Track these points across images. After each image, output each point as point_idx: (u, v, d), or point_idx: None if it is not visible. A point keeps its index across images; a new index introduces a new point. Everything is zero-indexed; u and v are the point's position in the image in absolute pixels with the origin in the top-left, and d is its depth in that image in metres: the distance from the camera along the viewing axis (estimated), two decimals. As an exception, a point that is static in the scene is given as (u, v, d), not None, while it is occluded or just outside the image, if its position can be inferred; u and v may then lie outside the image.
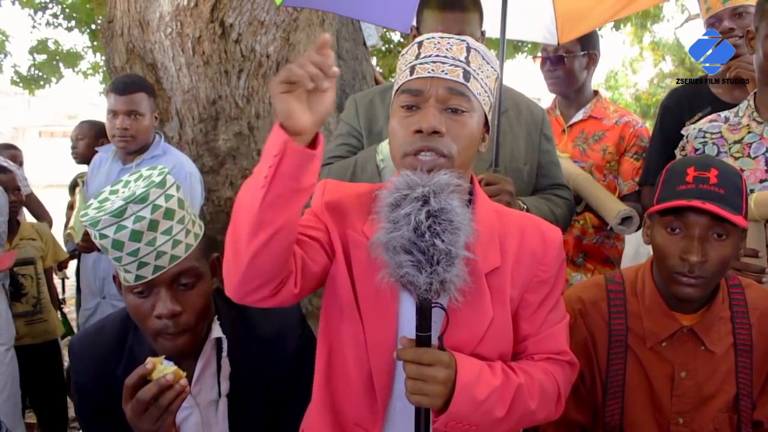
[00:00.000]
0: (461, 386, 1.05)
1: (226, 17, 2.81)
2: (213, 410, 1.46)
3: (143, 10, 2.89)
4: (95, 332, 1.50)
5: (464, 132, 1.12)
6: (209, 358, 1.44)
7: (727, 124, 1.89)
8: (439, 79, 1.11)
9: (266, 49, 2.88)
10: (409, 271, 1.01)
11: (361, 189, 1.25)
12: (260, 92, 2.93)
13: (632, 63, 16.28)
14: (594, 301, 1.50)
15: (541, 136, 1.92)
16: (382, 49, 6.55)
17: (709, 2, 2.23)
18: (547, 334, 1.21)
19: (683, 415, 1.44)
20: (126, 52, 2.99)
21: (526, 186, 1.89)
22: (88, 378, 1.43)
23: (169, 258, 1.29)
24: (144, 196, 1.26)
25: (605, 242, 2.46)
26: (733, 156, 1.83)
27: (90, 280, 2.61)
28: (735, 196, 1.35)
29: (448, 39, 1.15)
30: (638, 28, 8.58)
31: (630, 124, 2.43)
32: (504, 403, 1.09)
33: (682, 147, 1.97)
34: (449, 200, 1.02)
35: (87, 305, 2.63)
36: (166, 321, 1.31)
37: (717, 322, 1.44)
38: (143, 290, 1.32)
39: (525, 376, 1.14)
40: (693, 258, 1.33)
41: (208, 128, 2.91)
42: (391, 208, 1.03)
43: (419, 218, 1.00)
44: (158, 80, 2.94)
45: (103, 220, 1.24)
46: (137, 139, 2.50)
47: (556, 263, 1.21)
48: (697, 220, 1.34)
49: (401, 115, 1.14)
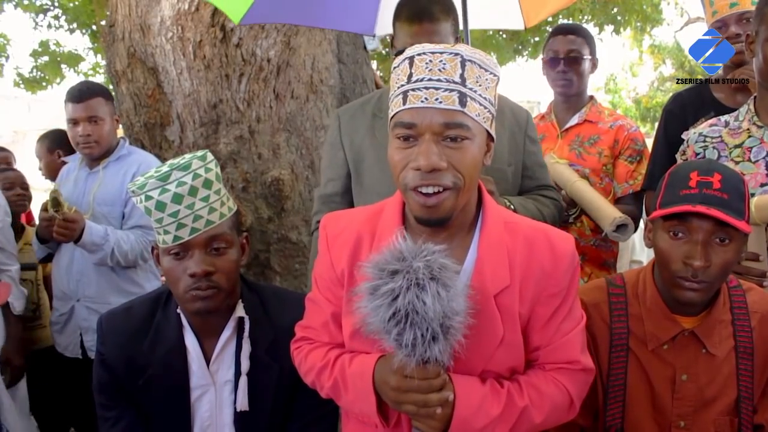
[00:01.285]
0: (458, 419, 1.10)
1: (227, 21, 2.81)
2: (227, 390, 1.54)
3: (144, 15, 2.90)
4: (124, 311, 1.61)
5: (466, 160, 1.09)
6: (230, 337, 1.54)
7: (727, 128, 1.89)
8: (434, 110, 1.06)
9: (267, 54, 2.89)
10: (392, 344, 1.04)
11: (362, 216, 1.27)
12: (261, 96, 2.93)
13: (632, 66, 16.33)
14: (595, 303, 1.50)
15: (526, 138, 1.92)
16: (382, 52, 6.56)
17: (716, 6, 2.21)
18: (559, 344, 1.20)
19: (684, 418, 1.44)
20: (127, 56, 3.00)
21: (511, 187, 1.89)
22: (113, 351, 1.54)
23: (205, 222, 1.44)
24: (187, 164, 1.43)
25: (602, 245, 2.47)
26: (733, 160, 1.83)
27: (63, 283, 2.55)
28: (738, 201, 1.34)
29: (440, 55, 1.08)
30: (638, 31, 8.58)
31: (624, 127, 2.44)
32: (506, 424, 1.13)
33: (682, 151, 1.97)
34: (422, 294, 1.00)
35: (61, 310, 2.57)
36: (198, 281, 1.42)
37: (718, 325, 1.44)
38: (179, 251, 1.45)
39: (534, 394, 1.16)
40: (696, 263, 1.32)
41: (208, 132, 2.92)
42: (369, 291, 1.04)
43: (384, 316, 1.01)
44: (159, 84, 2.95)
45: (150, 183, 1.41)
46: (101, 144, 2.51)
47: (566, 276, 1.19)
48: (700, 225, 1.33)
49: (398, 147, 1.11)
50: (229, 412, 1.55)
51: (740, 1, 2.17)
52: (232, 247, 1.50)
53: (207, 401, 1.55)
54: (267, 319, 1.56)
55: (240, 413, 1.53)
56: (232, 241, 1.51)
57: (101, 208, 2.49)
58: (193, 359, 1.54)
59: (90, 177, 2.56)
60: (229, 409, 1.54)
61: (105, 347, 1.56)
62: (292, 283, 2.98)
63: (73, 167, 2.66)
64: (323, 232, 1.28)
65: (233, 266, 1.50)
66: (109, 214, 2.49)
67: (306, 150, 3.07)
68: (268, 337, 1.54)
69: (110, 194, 2.49)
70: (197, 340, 1.54)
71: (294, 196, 2.98)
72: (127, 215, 2.50)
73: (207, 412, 1.55)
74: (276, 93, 2.96)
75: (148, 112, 2.98)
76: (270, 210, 2.94)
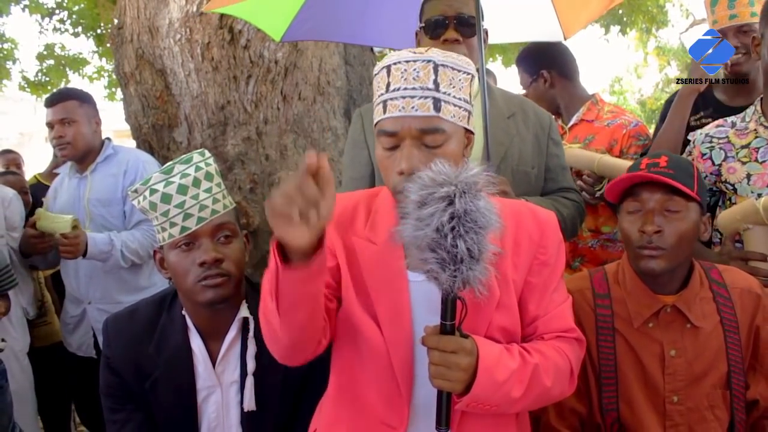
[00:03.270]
0: (483, 370, 1.10)
1: (235, 23, 2.83)
2: (233, 391, 1.55)
3: (153, 17, 2.92)
4: (129, 314, 1.61)
5: (446, 158, 1.13)
6: (235, 337, 1.55)
7: (734, 129, 1.89)
8: (411, 118, 1.14)
9: (274, 55, 2.91)
10: (434, 267, 1.04)
11: (358, 196, 1.33)
12: (268, 98, 2.95)
13: (637, 68, 16.30)
14: (579, 289, 1.56)
15: (549, 140, 1.92)
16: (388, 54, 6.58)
17: (717, 15, 2.26)
18: (554, 313, 1.26)
19: (677, 393, 1.48)
20: (135, 58, 3.02)
21: (533, 189, 1.89)
22: (119, 354, 1.55)
23: (211, 211, 1.47)
24: (188, 158, 1.50)
25: (606, 246, 2.47)
26: (740, 161, 1.84)
27: (73, 287, 2.57)
28: (685, 176, 1.44)
29: (414, 63, 1.16)
30: (643, 33, 8.58)
31: (622, 125, 2.42)
32: (522, 384, 1.14)
33: (688, 152, 1.97)
34: (475, 200, 1.03)
35: (72, 312, 2.59)
36: (208, 269, 1.44)
37: (699, 301, 1.49)
38: (188, 242, 1.47)
39: (540, 356, 1.19)
40: (648, 227, 1.43)
41: (216, 133, 2.94)
42: (417, 206, 1.04)
43: (442, 220, 1.02)
44: (167, 86, 2.97)
45: (154, 176, 1.46)
46: (76, 146, 2.52)
47: (554, 244, 1.26)
48: (650, 196, 1.45)
49: (383, 152, 1.20)
50: (236, 412, 1.55)
51: (740, 14, 2.20)
52: (238, 237, 1.53)
53: (213, 402, 1.56)
54: None
55: (247, 413, 1.53)
56: (237, 232, 1.54)
57: (98, 210, 2.50)
58: (199, 361, 1.54)
59: (81, 182, 2.57)
60: (235, 409, 1.55)
61: (111, 350, 1.56)
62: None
63: (64, 175, 2.68)
64: None
65: (241, 255, 1.52)
66: (107, 214, 2.51)
67: (313, 151, 3.07)
68: None
69: (104, 195, 2.50)
70: (203, 342, 1.55)
71: (301, 198, 2.99)
72: (128, 213, 2.51)
73: (214, 413, 1.56)
74: (283, 95, 2.98)
75: (156, 113, 3.00)
76: (277, 211, 2.95)
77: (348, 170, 1.97)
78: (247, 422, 1.54)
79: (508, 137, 1.85)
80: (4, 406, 2.14)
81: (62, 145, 2.51)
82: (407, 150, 1.15)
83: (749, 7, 2.19)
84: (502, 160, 1.82)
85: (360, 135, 1.94)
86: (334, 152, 3.10)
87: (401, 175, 1.15)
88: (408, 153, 1.15)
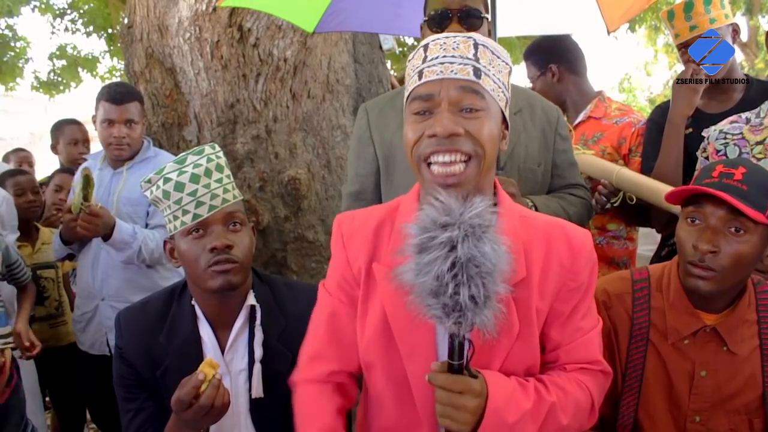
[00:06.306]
0: (491, 411, 1.05)
1: (244, 22, 2.83)
2: (242, 379, 1.57)
3: (162, 16, 2.93)
4: (140, 306, 1.66)
5: (483, 131, 1.08)
6: (243, 326, 1.58)
7: (748, 125, 1.87)
8: (450, 80, 1.07)
9: (284, 53, 2.90)
10: (436, 314, 0.98)
11: (380, 214, 1.24)
12: (278, 96, 2.95)
13: (646, 65, 16.20)
14: (618, 293, 1.50)
15: (556, 136, 1.90)
16: (396, 52, 6.57)
17: (677, 29, 2.24)
18: (580, 342, 1.19)
19: (700, 413, 1.44)
20: (145, 57, 3.03)
21: (540, 187, 1.87)
22: (131, 344, 1.59)
23: (222, 200, 1.52)
24: (200, 150, 1.55)
25: (612, 243, 2.45)
26: (755, 157, 1.82)
27: (88, 282, 2.56)
28: (759, 195, 1.32)
29: (453, 38, 1.10)
30: (652, 30, 8.53)
31: (631, 123, 2.41)
32: (535, 423, 1.09)
33: (703, 149, 1.96)
34: (480, 244, 0.94)
35: (84, 309, 2.59)
36: (219, 254, 1.49)
37: (742, 324, 1.43)
38: (199, 229, 1.51)
39: (559, 393, 1.13)
40: (703, 246, 1.33)
41: (226, 132, 2.94)
42: (417, 250, 0.97)
43: (443, 268, 0.94)
44: (177, 84, 2.98)
45: (168, 166, 1.51)
46: (132, 147, 2.56)
47: (585, 270, 1.17)
48: (713, 211, 1.34)
49: (414, 121, 1.11)
50: (245, 400, 1.57)
51: (699, 24, 2.18)
52: (246, 227, 1.58)
53: None
54: (277, 307, 1.61)
55: (255, 401, 1.55)
56: (246, 222, 1.59)
57: (126, 208, 2.51)
58: (209, 349, 1.57)
59: (114, 177, 2.58)
60: (244, 397, 1.57)
61: (123, 341, 1.60)
62: (309, 282, 2.99)
63: (94, 165, 2.67)
64: (338, 230, 1.26)
65: (249, 244, 1.57)
66: (134, 213, 2.51)
67: (322, 149, 3.08)
68: (279, 325, 1.58)
69: (135, 195, 2.50)
70: (212, 330, 1.58)
71: (311, 196, 2.99)
72: (150, 214, 2.53)
73: None
74: (292, 93, 2.98)
75: (165, 112, 3.01)
76: (287, 209, 2.95)
77: (353, 167, 1.96)
78: (255, 410, 1.57)
79: (515, 134, 1.82)
80: (17, 402, 2.15)
81: (122, 145, 2.53)
82: (443, 113, 1.07)
83: (707, 15, 2.15)
84: (508, 158, 1.80)
85: (365, 131, 1.92)
86: (343, 150, 3.10)
87: (432, 137, 1.07)
88: (444, 115, 1.06)
